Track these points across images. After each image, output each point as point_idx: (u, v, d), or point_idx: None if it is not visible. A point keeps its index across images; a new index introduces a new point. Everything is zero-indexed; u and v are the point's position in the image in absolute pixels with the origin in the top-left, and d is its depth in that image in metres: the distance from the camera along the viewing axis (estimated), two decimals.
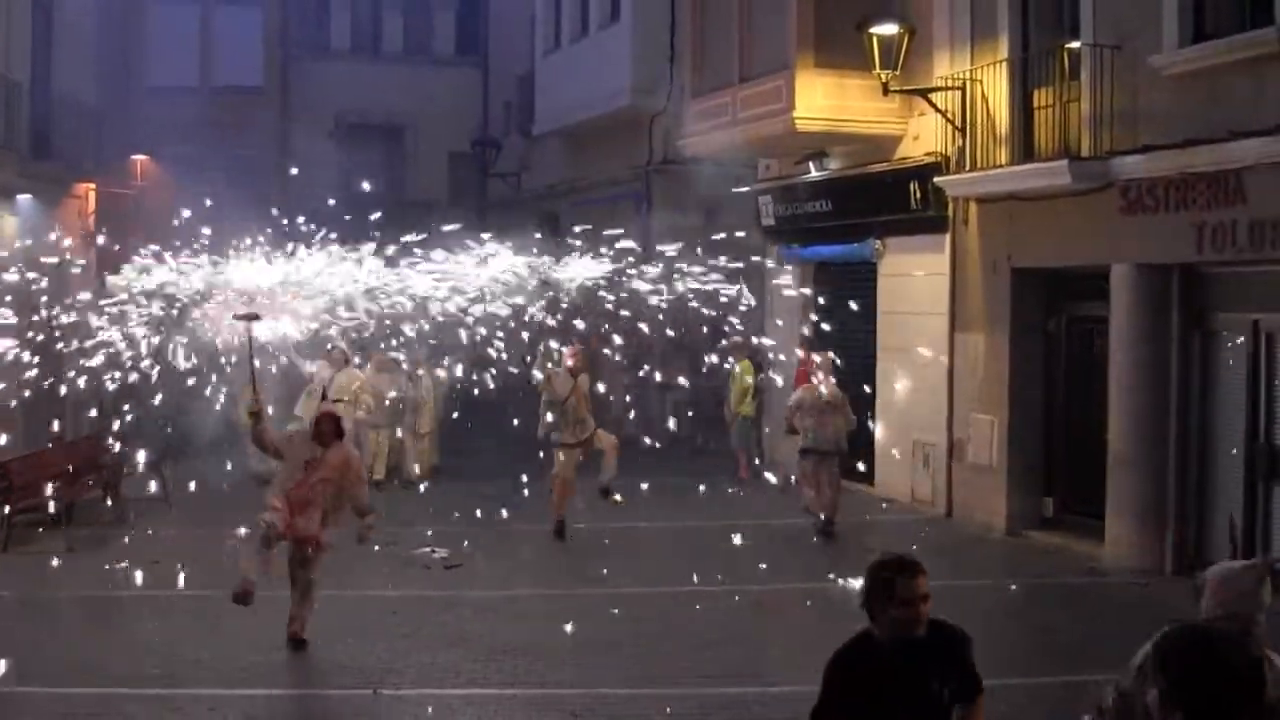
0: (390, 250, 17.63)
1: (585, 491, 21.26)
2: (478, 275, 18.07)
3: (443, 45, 46.22)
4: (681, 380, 27.00)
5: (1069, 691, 12.99)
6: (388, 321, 19.27)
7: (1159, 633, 6.18)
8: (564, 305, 19.95)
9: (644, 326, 21.61)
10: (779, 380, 25.67)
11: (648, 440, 25.02)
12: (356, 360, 25.06)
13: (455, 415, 27.82)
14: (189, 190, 33.33)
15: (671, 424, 28.16)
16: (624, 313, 20.58)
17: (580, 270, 18.96)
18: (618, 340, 22.93)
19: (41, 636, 14.92)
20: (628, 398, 28.48)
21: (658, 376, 27.95)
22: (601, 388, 23.02)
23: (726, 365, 26.49)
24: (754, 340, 26.40)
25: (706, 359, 26.19)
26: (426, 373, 26.32)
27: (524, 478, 22.76)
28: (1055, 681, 13.47)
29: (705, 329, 24.79)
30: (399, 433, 26.19)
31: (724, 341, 26.22)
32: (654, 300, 19.82)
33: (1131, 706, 6.49)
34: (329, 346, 22.18)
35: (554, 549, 19.93)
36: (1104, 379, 19.42)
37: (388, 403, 25.65)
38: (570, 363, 21.13)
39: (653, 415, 29.06)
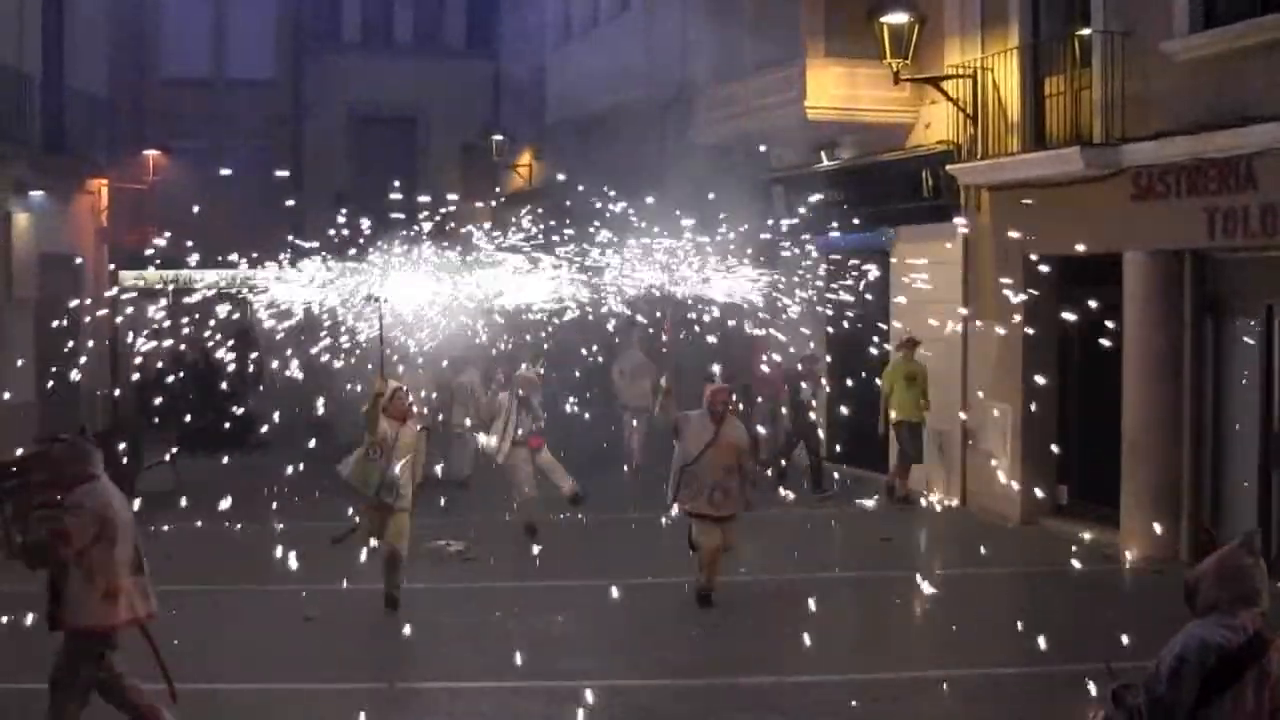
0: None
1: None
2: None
3: (454, 36, 46.20)
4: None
5: (1083, 679, 13.03)
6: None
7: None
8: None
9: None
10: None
11: None
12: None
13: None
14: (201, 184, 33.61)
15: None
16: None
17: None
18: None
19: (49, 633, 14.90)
20: None
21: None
22: None
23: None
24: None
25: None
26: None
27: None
28: (1071, 670, 13.47)
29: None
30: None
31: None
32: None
33: (1169, 713, 6.49)
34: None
35: (567, 539, 19.83)
36: (1118, 366, 19.38)
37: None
38: (713, 404, 16.07)
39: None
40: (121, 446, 23.48)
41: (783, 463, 25.16)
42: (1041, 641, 13.76)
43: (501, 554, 19.12)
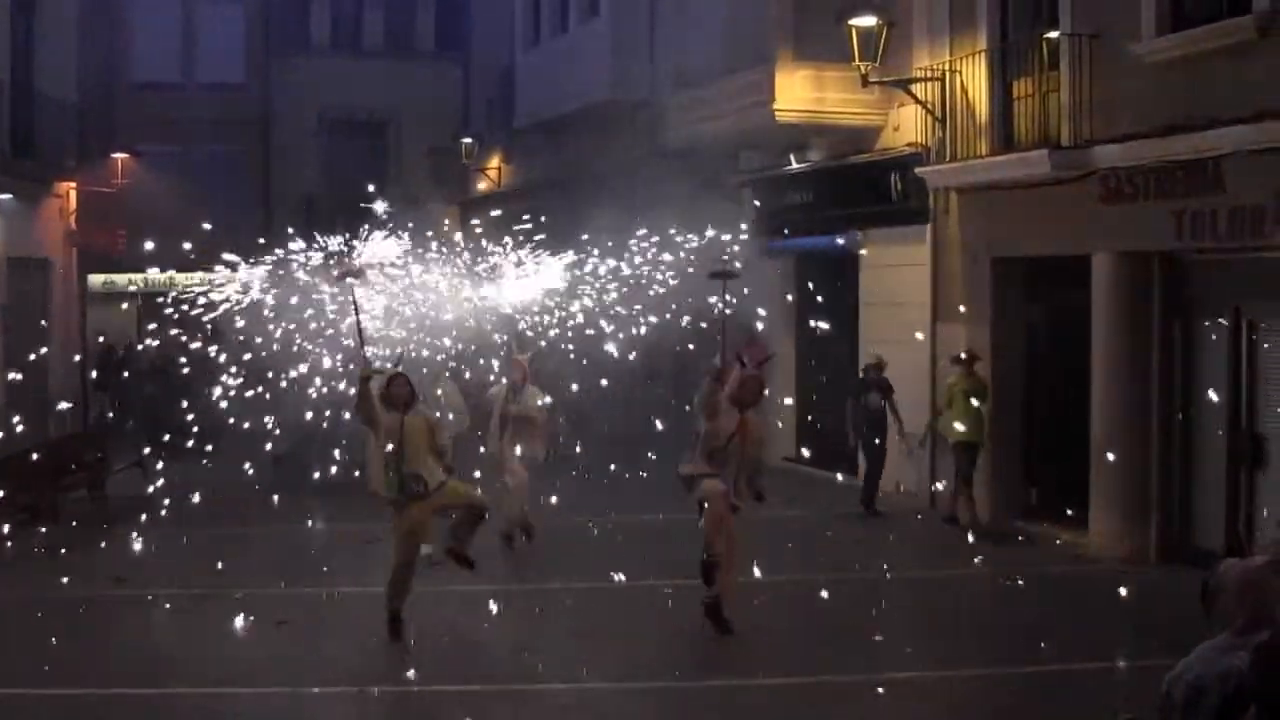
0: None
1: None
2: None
3: (423, 40, 46.23)
4: None
5: (1057, 681, 13.08)
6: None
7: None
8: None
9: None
10: None
11: None
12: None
13: None
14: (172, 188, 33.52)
15: None
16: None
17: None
18: None
19: (24, 638, 14.86)
20: None
21: None
22: None
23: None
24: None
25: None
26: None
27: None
28: (1042, 671, 13.51)
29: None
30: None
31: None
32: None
33: None
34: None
35: (541, 544, 19.72)
36: (1086, 367, 19.45)
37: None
38: (741, 393, 14.60)
39: None
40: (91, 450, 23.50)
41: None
42: (1010, 643, 13.80)
43: (473, 557, 19.06)
